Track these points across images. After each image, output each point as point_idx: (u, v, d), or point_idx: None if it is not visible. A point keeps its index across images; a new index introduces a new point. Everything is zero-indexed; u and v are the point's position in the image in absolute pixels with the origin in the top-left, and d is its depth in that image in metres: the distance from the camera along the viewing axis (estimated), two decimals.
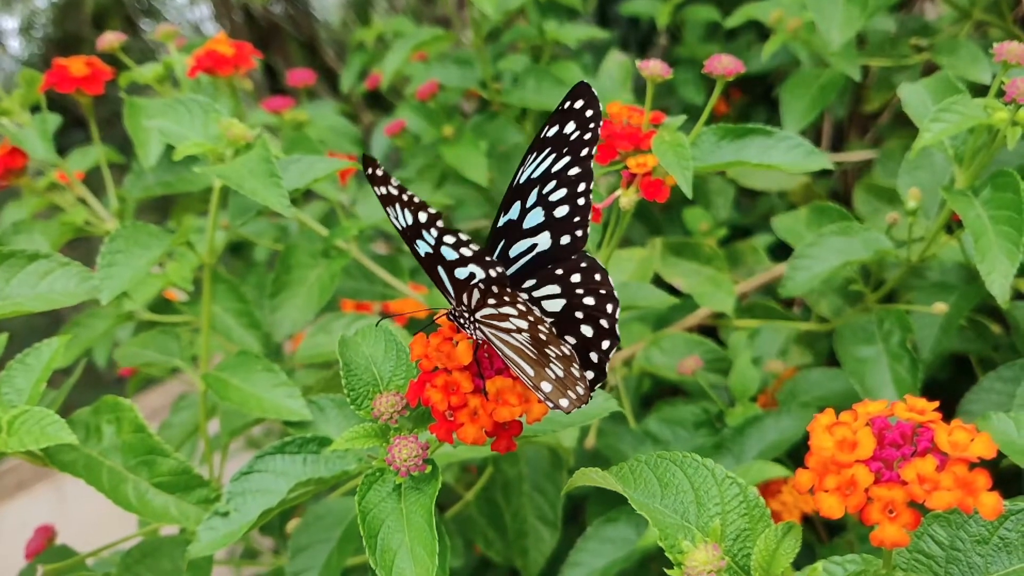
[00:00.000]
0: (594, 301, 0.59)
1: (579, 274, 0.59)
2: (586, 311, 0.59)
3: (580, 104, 0.60)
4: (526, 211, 0.61)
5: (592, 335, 0.59)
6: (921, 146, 0.80)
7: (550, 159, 0.60)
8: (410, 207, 0.53)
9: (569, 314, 0.59)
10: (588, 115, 0.60)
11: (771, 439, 0.98)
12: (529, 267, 0.61)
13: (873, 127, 1.67)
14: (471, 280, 0.55)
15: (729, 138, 0.87)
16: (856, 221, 1.01)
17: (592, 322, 0.59)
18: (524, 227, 0.61)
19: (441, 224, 0.52)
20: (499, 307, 0.54)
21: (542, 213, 0.61)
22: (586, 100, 0.60)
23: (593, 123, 0.60)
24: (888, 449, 0.47)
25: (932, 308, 0.94)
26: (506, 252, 0.61)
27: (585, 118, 0.60)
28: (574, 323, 0.59)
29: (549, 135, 0.60)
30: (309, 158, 0.86)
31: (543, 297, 0.60)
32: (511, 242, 0.61)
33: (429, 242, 0.54)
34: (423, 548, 0.56)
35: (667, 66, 0.82)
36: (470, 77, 1.46)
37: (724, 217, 1.55)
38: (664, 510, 0.54)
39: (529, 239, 0.61)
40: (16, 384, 0.74)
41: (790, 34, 1.28)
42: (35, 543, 0.97)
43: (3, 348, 0.82)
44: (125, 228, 0.80)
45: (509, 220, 0.61)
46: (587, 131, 0.60)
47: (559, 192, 0.60)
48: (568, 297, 0.59)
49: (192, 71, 1.08)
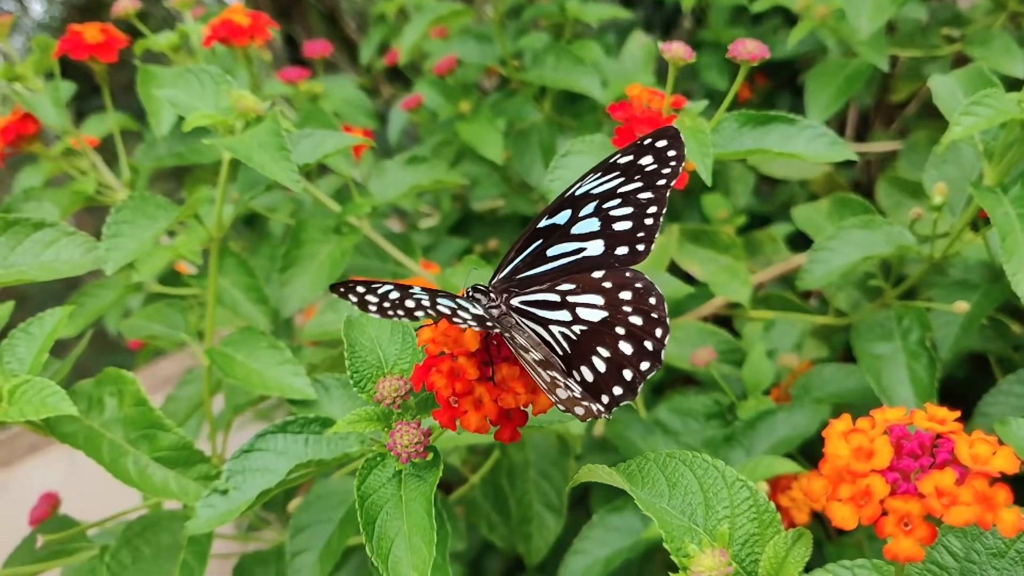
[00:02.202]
0: (642, 322, 0.57)
1: (630, 292, 0.58)
2: (630, 329, 0.57)
3: (663, 144, 0.59)
4: (578, 219, 0.60)
5: (631, 353, 0.57)
6: (950, 140, 0.78)
7: (618, 181, 0.60)
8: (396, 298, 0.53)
9: (609, 327, 0.58)
10: (670, 155, 0.59)
11: (782, 434, 0.96)
12: (567, 269, 0.61)
13: (899, 117, 1.64)
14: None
15: (751, 125, 0.85)
16: (878, 215, 0.98)
17: (635, 341, 0.57)
18: (572, 232, 0.61)
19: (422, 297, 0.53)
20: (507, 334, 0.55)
21: (598, 223, 0.60)
22: (671, 143, 0.59)
23: (675, 163, 0.59)
24: (906, 459, 0.45)
25: (953, 307, 0.92)
26: (543, 251, 0.61)
27: (666, 157, 0.59)
28: (613, 337, 0.58)
29: (621, 162, 0.60)
30: (321, 132, 0.85)
31: (582, 304, 0.59)
32: (551, 243, 0.61)
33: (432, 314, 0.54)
34: (421, 537, 0.55)
35: (690, 49, 0.80)
36: (489, 54, 1.43)
37: (743, 204, 1.52)
38: (671, 511, 0.53)
39: (576, 243, 0.60)
40: (18, 353, 0.73)
41: (818, 21, 1.25)
42: (39, 510, 0.96)
43: (8, 316, 0.82)
44: (132, 199, 0.79)
45: (554, 224, 0.61)
46: (666, 167, 0.59)
47: (623, 209, 0.60)
48: (612, 311, 0.58)
49: (207, 40, 1.06)
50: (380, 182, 1.15)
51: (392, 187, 1.13)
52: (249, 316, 0.97)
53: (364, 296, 0.52)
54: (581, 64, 1.31)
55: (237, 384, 0.81)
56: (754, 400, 1.02)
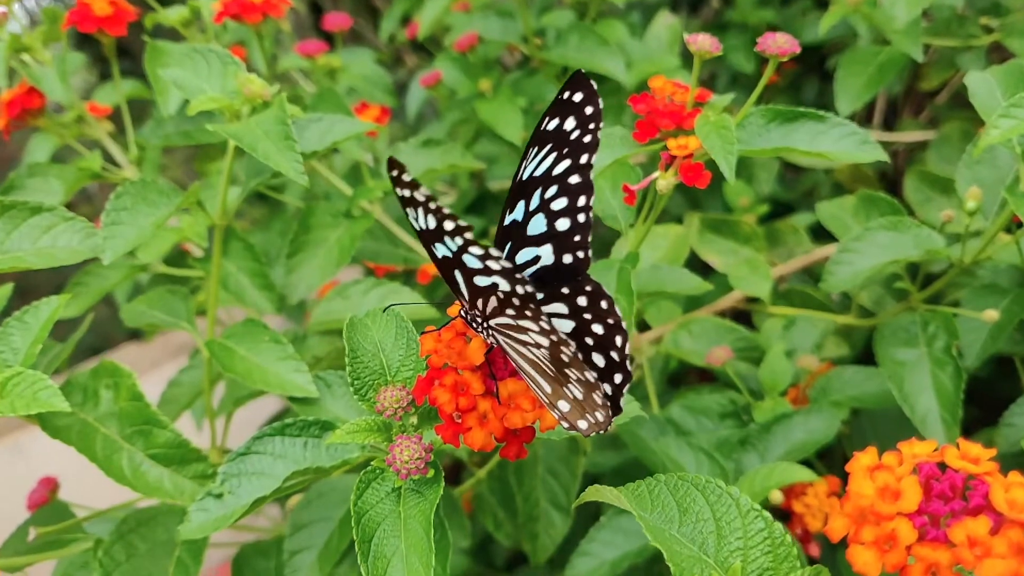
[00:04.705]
0: (602, 330, 0.53)
1: (585, 298, 0.53)
2: (595, 339, 0.53)
3: (579, 98, 0.53)
4: (529, 214, 0.55)
5: (604, 366, 0.53)
6: (987, 144, 0.74)
7: (551, 158, 0.54)
8: (435, 215, 0.47)
9: (580, 339, 0.53)
10: (588, 113, 0.53)
11: (798, 439, 0.93)
12: (537, 276, 0.55)
13: (929, 106, 1.60)
14: (491, 289, 0.50)
15: (778, 121, 0.81)
16: (907, 216, 0.95)
17: (603, 352, 0.53)
18: (528, 233, 0.55)
19: (469, 236, 0.46)
20: (518, 319, 0.49)
21: (544, 222, 0.54)
22: (585, 94, 0.53)
23: (593, 123, 0.53)
24: (935, 502, 0.42)
25: (983, 315, 0.89)
26: (513, 256, 0.55)
27: (585, 116, 0.53)
28: (586, 349, 0.53)
29: (549, 128, 0.54)
30: (330, 118, 0.82)
31: (553, 315, 0.54)
32: (517, 247, 0.55)
33: (450, 248, 0.48)
34: (419, 559, 0.52)
35: (717, 41, 0.76)
36: (511, 31, 1.40)
37: (766, 192, 1.49)
38: (681, 539, 0.50)
39: (533, 248, 0.55)
40: (12, 343, 0.71)
41: (851, 7, 1.20)
42: (38, 494, 0.95)
43: (6, 301, 0.80)
44: (133, 184, 0.76)
45: (514, 220, 0.55)
46: (587, 133, 0.53)
47: (560, 201, 0.54)
48: (576, 320, 0.54)
49: (218, 17, 1.03)
50: None
51: None
52: (255, 302, 0.94)
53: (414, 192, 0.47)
54: (605, 45, 1.27)
55: (237, 379, 0.78)
56: (771, 401, 0.99)
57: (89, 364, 0.82)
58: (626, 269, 0.81)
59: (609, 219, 0.86)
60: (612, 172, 0.86)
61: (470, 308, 0.52)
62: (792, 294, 1.16)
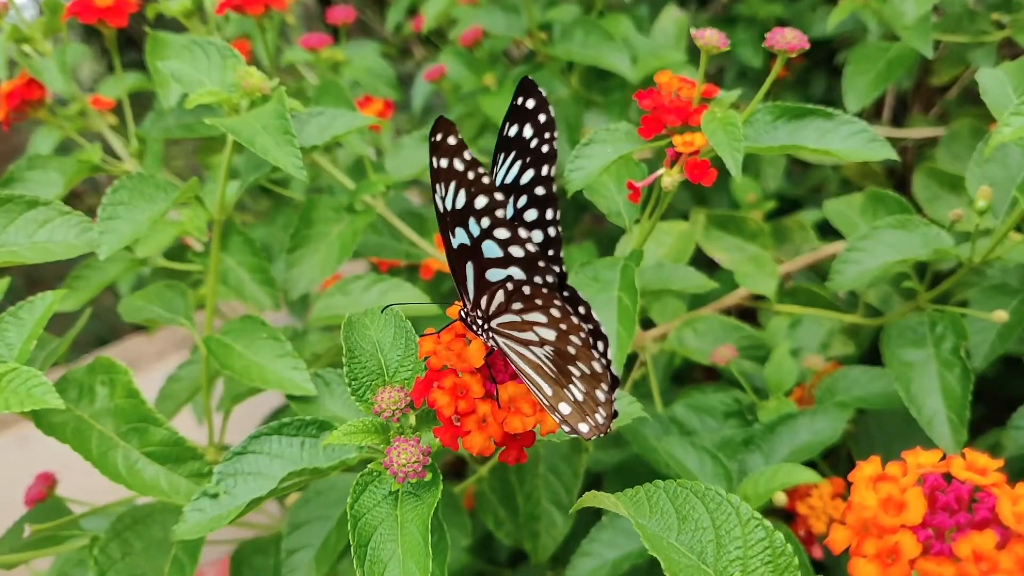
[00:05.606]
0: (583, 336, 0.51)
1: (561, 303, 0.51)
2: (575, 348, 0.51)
3: (532, 105, 0.51)
4: None
5: (590, 373, 0.51)
6: (998, 142, 0.73)
7: (517, 166, 0.52)
8: (473, 187, 0.45)
9: (564, 345, 0.51)
10: (541, 120, 0.51)
11: (803, 440, 0.92)
12: None
13: (939, 101, 1.58)
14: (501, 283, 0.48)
15: (785, 118, 0.80)
16: (915, 214, 0.93)
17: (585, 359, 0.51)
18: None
19: (500, 214, 0.45)
20: (524, 313, 0.48)
21: None
22: (537, 102, 0.51)
23: (548, 132, 0.51)
24: (940, 515, 0.41)
25: (992, 315, 0.87)
26: None
27: (539, 124, 0.51)
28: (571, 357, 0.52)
29: (510, 135, 0.52)
30: (331, 112, 0.81)
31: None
32: None
33: (472, 233, 0.47)
34: (416, 563, 0.51)
35: (724, 37, 0.75)
36: (516, 25, 1.38)
37: (773, 188, 1.48)
38: (679, 547, 0.49)
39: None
40: (7, 338, 0.70)
41: (860, 2, 1.19)
42: (35, 490, 0.94)
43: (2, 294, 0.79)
44: (130, 179, 0.75)
45: None
46: (544, 142, 0.51)
47: (531, 212, 0.52)
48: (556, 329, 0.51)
49: (220, 8, 1.02)
50: (396, 159, 1.11)
51: (408, 165, 1.10)
52: (254, 297, 0.93)
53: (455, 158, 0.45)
54: (610, 40, 1.26)
55: (235, 376, 0.77)
56: (775, 401, 0.98)
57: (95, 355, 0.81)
58: (630, 266, 0.80)
59: (613, 216, 0.85)
60: (617, 168, 0.85)
61: (472, 308, 0.51)
62: (798, 292, 1.15)
